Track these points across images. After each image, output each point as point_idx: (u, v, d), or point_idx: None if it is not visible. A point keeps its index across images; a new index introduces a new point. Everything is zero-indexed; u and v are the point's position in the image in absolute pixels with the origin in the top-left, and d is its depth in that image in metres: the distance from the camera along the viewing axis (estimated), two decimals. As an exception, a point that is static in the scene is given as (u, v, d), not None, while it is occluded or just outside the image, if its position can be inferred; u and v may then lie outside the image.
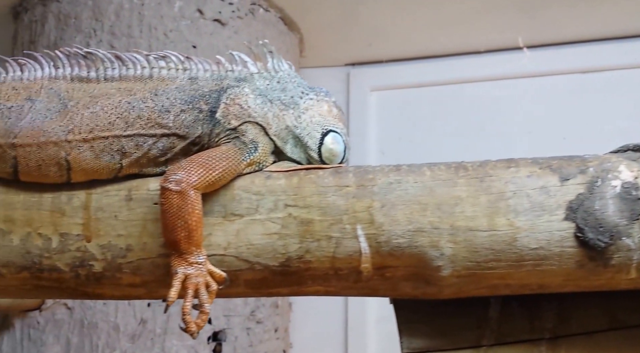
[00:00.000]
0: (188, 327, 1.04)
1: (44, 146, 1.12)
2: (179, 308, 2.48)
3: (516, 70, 3.23)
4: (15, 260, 1.11)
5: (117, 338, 2.41)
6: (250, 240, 1.09)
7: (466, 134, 3.19)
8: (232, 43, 2.79)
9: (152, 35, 2.67)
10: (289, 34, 3.10)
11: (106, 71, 1.21)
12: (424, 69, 3.36)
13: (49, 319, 2.42)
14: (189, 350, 2.49)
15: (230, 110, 1.16)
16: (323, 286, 1.10)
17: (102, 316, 2.42)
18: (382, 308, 3.17)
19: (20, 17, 2.95)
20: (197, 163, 1.06)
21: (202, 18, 2.74)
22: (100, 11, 2.67)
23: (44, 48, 2.73)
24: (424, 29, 3.15)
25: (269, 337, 2.79)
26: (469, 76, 3.30)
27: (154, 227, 1.11)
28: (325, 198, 1.08)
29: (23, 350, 2.42)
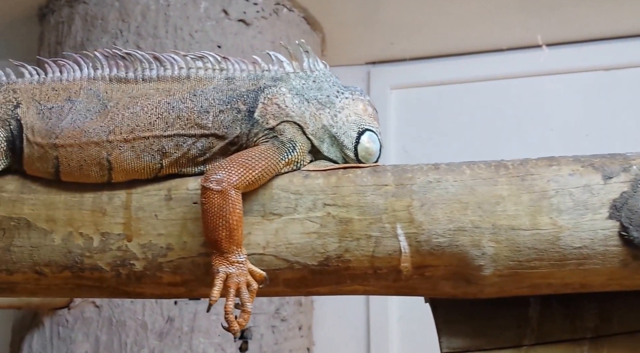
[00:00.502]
0: (231, 326, 1.04)
1: (86, 147, 1.14)
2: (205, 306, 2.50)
3: (538, 68, 3.21)
4: (57, 259, 1.12)
5: (145, 336, 2.43)
6: (289, 239, 1.09)
7: (487, 132, 3.18)
8: (256, 43, 2.80)
9: (178, 36, 2.69)
10: (311, 34, 3.11)
11: (144, 71, 1.22)
12: (444, 67, 3.35)
13: (77, 317, 2.45)
14: (216, 348, 2.51)
15: (268, 110, 1.16)
16: (362, 286, 1.10)
17: (130, 314, 2.44)
18: (404, 307, 3.19)
19: (46, 19, 2.99)
20: (237, 162, 1.07)
21: (227, 18, 2.75)
22: (127, 12, 2.69)
23: (70, 49, 2.77)
24: (444, 27, 3.14)
25: (293, 334, 2.79)
26: (490, 73, 3.29)
27: (193, 226, 1.12)
28: (364, 197, 1.08)
29: (53, 348, 2.45)
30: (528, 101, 3.19)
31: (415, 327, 3.12)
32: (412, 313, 3.15)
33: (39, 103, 1.19)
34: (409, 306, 3.14)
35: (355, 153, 1.20)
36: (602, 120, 3.04)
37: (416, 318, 3.10)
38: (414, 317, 3.13)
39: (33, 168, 1.17)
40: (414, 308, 3.14)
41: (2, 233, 1.12)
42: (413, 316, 3.14)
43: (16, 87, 1.22)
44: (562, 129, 3.09)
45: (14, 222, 1.13)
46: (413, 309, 3.13)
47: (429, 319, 3.21)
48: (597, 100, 3.09)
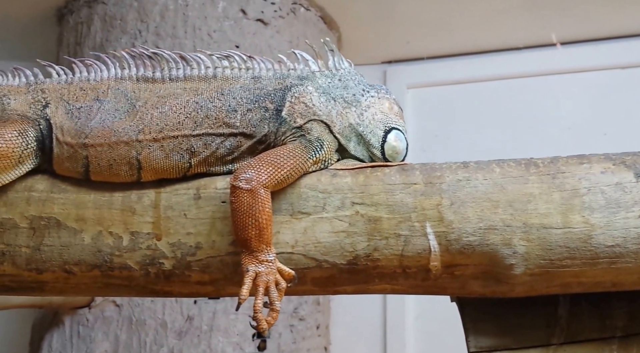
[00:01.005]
0: (259, 324, 1.04)
1: (115, 146, 1.14)
2: (224, 305, 2.50)
3: (555, 66, 3.20)
4: (87, 258, 1.13)
5: (165, 335, 2.44)
6: (317, 238, 1.09)
7: (504, 130, 3.17)
8: (274, 42, 2.81)
9: (197, 36, 2.70)
10: (328, 33, 3.11)
11: (171, 71, 1.23)
12: (460, 66, 3.34)
13: (98, 316, 2.46)
14: (235, 347, 2.51)
15: (295, 108, 1.16)
16: (390, 285, 1.10)
17: (149, 313, 2.45)
18: (420, 306, 3.18)
19: (65, 19, 3.01)
20: (265, 161, 1.07)
21: (245, 18, 2.76)
22: (146, 12, 2.71)
23: (90, 49, 2.79)
24: (460, 26, 3.13)
25: (311, 334, 2.80)
26: (506, 72, 3.27)
27: (222, 225, 1.12)
28: (392, 196, 1.08)
29: (72, 347, 2.46)
30: (545, 99, 3.17)
31: (432, 326, 3.11)
32: (428, 312, 3.14)
33: (68, 103, 1.20)
34: (426, 306, 3.14)
35: (382, 152, 1.20)
36: (619, 119, 3.02)
37: (432, 318, 3.09)
38: (431, 316, 3.12)
39: (63, 168, 1.17)
40: (430, 307, 3.14)
41: (33, 232, 1.13)
42: (429, 315, 3.14)
43: (44, 87, 1.23)
44: (579, 128, 3.07)
45: (44, 221, 1.14)
46: (429, 308, 3.12)
47: (445, 318, 3.20)
48: (614, 98, 3.07)
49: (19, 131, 1.14)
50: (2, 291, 1.17)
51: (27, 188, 1.16)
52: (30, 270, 1.13)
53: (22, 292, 1.17)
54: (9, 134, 1.12)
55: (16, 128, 1.14)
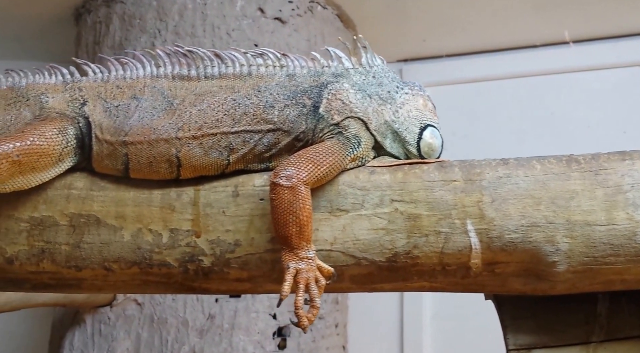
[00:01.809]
0: (300, 321, 1.04)
1: (155, 144, 1.15)
2: (245, 303, 2.49)
3: (573, 64, 3.18)
4: (126, 255, 1.13)
5: (186, 334, 2.45)
6: (356, 235, 1.09)
7: (521, 128, 3.16)
8: (292, 41, 2.81)
9: (215, 35, 2.71)
10: (344, 31, 3.11)
11: (206, 69, 1.23)
12: (477, 64, 3.33)
13: (119, 315, 2.47)
14: (255, 345, 2.52)
15: (332, 105, 1.16)
16: (429, 282, 1.10)
17: (171, 311, 2.46)
18: (437, 305, 3.17)
19: (82, 19, 3.02)
20: (305, 158, 1.07)
21: (263, 17, 2.76)
22: (165, 11, 2.72)
23: (109, 49, 2.80)
24: (477, 24, 3.12)
25: (330, 332, 2.80)
26: (524, 70, 3.26)
27: (260, 223, 1.12)
28: (432, 193, 1.08)
29: (94, 345, 2.47)
30: (564, 97, 3.16)
31: (449, 325, 3.11)
32: (445, 311, 3.14)
33: (105, 101, 1.21)
34: (442, 305, 3.13)
35: (418, 149, 1.20)
36: (639, 117, 3.00)
37: (450, 316, 3.09)
38: (448, 314, 3.12)
39: (102, 165, 1.18)
40: (447, 306, 3.13)
41: (72, 229, 1.14)
42: (446, 314, 3.13)
43: (81, 85, 1.24)
44: (598, 126, 3.06)
45: (83, 219, 1.14)
46: (447, 307, 3.12)
47: (462, 317, 3.20)
48: (634, 96, 3.05)
49: (59, 129, 1.15)
50: (41, 289, 1.18)
51: (66, 185, 1.17)
52: (69, 267, 1.14)
53: (61, 289, 1.18)
54: (49, 132, 1.13)
55: (56, 126, 1.15)
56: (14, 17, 3.12)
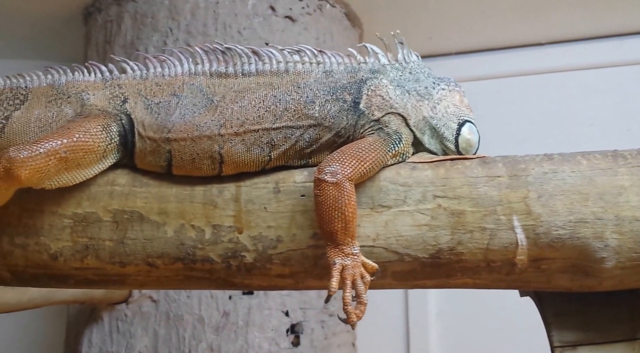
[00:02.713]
0: (349, 317, 1.05)
1: (198, 140, 1.15)
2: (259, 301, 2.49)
3: (578, 62, 3.21)
4: (170, 251, 1.14)
5: (203, 330, 2.45)
6: (399, 232, 1.10)
7: (526, 126, 3.18)
8: (302, 39, 2.81)
9: (227, 33, 2.71)
10: (351, 30, 3.12)
11: (243, 66, 1.24)
12: (483, 61, 3.35)
13: (136, 312, 2.47)
14: (270, 342, 2.53)
15: (372, 101, 1.17)
16: (472, 279, 1.11)
17: (186, 308, 2.46)
18: (443, 302, 3.19)
19: (92, 18, 3.01)
20: (349, 154, 1.08)
21: (274, 15, 2.77)
22: (177, 10, 2.72)
23: (120, 48, 2.79)
24: (483, 22, 3.14)
25: (340, 329, 2.81)
26: (529, 68, 3.28)
27: (302, 219, 1.13)
28: (476, 189, 1.09)
29: (112, 342, 2.47)
30: (568, 95, 3.19)
31: (454, 322, 3.12)
32: (451, 308, 3.16)
33: (146, 98, 1.21)
34: (448, 302, 3.15)
35: (456, 145, 1.21)
36: (644, 115, 3.03)
37: (455, 314, 3.11)
38: (453, 312, 3.14)
39: (145, 162, 1.18)
40: (452, 304, 3.15)
41: (116, 225, 1.14)
42: (452, 311, 3.15)
43: (121, 83, 1.24)
44: (602, 124, 3.08)
45: (127, 215, 1.14)
46: (452, 304, 3.14)
47: (467, 314, 3.21)
48: (639, 94, 3.07)
49: (102, 126, 1.15)
50: (84, 285, 1.18)
51: (109, 182, 1.17)
52: (113, 263, 1.14)
53: (104, 285, 1.18)
54: (94, 128, 1.13)
55: (100, 123, 1.15)
56: (21, 17, 3.10)
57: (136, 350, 2.47)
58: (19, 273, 1.16)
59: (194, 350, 2.46)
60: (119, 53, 2.77)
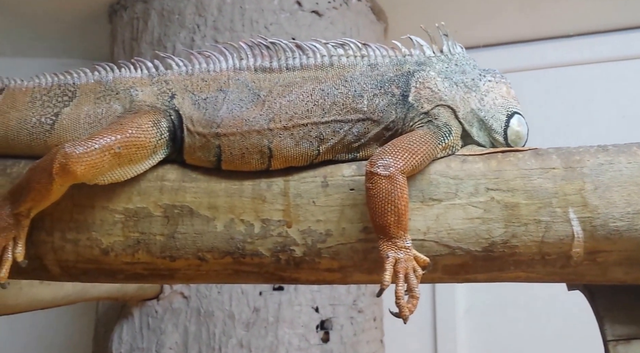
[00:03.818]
0: (402, 311, 1.04)
1: (248, 135, 1.15)
2: (289, 296, 2.48)
3: (608, 53, 3.16)
4: (220, 245, 1.14)
5: (233, 327, 2.46)
6: (450, 225, 1.09)
7: (557, 119, 3.14)
8: (328, 34, 2.80)
9: (254, 29, 2.71)
10: (376, 24, 3.11)
11: (287, 60, 1.23)
12: (510, 54, 3.31)
13: (166, 308, 2.48)
14: (300, 338, 2.53)
15: (421, 94, 1.16)
16: (525, 272, 1.09)
17: (217, 304, 2.47)
18: (471, 299, 3.17)
19: (118, 15, 3.02)
20: (401, 147, 1.07)
21: (300, 10, 2.76)
22: (203, 6, 2.72)
23: (147, 45, 2.80)
24: (510, 14, 3.10)
25: (369, 326, 2.80)
26: (558, 60, 3.24)
27: (351, 213, 1.12)
28: (530, 181, 1.07)
29: (143, 338, 2.49)
30: (599, 87, 3.15)
31: (482, 319, 3.10)
32: (479, 305, 3.14)
33: (193, 94, 1.21)
34: (476, 299, 3.13)
35: (505, 137, 1.20)
36: (676, 106, 2.99)
37: (483, 310, 3.09)
38: (481, 308, 3.12)
39: (194, 157, 1.18)
40: (479, 300, 3.13)
41: (166, 220, 1.14)
42: (480, 308, 3.13)
43: (167, 79, 1.24)
44: (634, 116, 3.04)
45: (177, 210, 1.15)
46: (480, 301, 3.12)
47: (495, 311, 3.17)
48: (671, 86, 3.03)
49: (153, 122, 1.15)
50: (133, 280, 1.18)
51: (159, 177, 1.17)
52: (164, 258, 1.14)
53: (153, 280, 1.19)
54: (145, 124, 1.14)
55: (151, 119, 1.15)
56: (46, 16, 3.12)
57: (166, 347, 2.48)
58: (69, 268, 1.17)
59: (224, 346, 2.47)
60: (146, 50, 2.78)
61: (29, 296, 1.84)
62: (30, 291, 1.83)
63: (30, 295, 1.84)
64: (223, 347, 2.46)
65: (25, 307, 1.87)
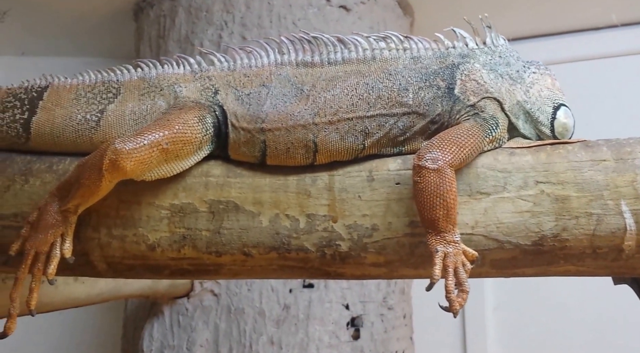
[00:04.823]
0: (452, 305, 1.03)
1: (293, 130, 1.15)
2: (319, 294, 2.48)
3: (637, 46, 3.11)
4: (265, 240, 1.13)
5: (263, 324, 2.46)
6: (499, 219, 1.07)
7: (587, 112, 3.09)
8: (356, 29, 2.78)
9: (282, 25, 2.70)
10: (403, 18, 3.09)
11: (329, 54, 1.22)
12: (537, 48, 3.26)
13: (197, 306, 2.49)
14: (330, 335, 2.52)
15: (467, 86, 1.15)
16: (575, 266, 1.08)
17: (247, 302, 2.47)
18: (500, 297, 3.14)
19: (144, 13, 3.02)
20: (448, 140, 1.06)
21: (328, 5, 2.75)
22: (231, 3, 2.71)
23: (174, 43, 2.81)
24: (539, 8, 3.06)
25: (399, 323, 2.79)
26: (588, 53, 3.20)
27: (398, 207, 1.11)
28: (580, 174, 1.05)
29: (174, 336, 2.50)
30: (628, 80, 3.10)
31: (511, 316, 3.07)
32: (508, 302, 3.11)
33: (236, 89, 1.21)
34: (505, 296, 3.10)
35: (552, 129, 1.18)
36: None
37: (512, 308, 3.06)
38: (510, 306, 3.09)
39: (238, 153, 1.18)
40: (509, 298, 3.10)
41: (212, 216, 1.14)
42: (509, 305, 3.10)
43: (210, 75, 1.24)
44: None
45: (222, 205, 1.14)
46: (509, 298, 3.08)
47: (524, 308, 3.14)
48: None
49: (198, 118, 1.15)
50: (178, 275, 1.18)
51: (203, 173, 1.17)
52: (210, 253, 1.14)
53: (198, 275, 1.19)
54: (191, 120, 1.14)
55: (196, 114, 1.15)
56: (69, 14, 3.14)
57: (197, 344, 2.49)
58: (115, 264, 1.17)
59: (254, 343, 2.47)
60: (174, 48, 2.79)
61: (64, 295, 1.85)
62: (65, 290, 1.85)
63: (65, 293, 1.85)
64: (254, 344, 2.46)
65: (60, 305, 1.89)
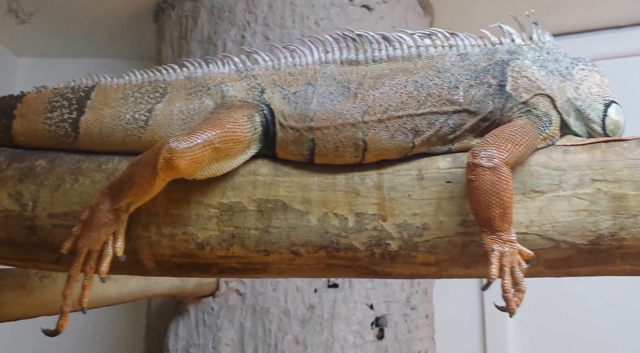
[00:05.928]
0: (509, 305, 1.02)
1: (342, 128, 1.14)
2: (344, 294, 2.46)
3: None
4: (314, 239, 1.12)
5: (288, 323, 2.45)
6: (555, 218, 1.06)
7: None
8: (378, 28, 2.78)
9: (305, 25, 2.69)
10: (424, 17, 3.08)
11: (374, 52, 1.21)
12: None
13: (222, 305, 2.49)
14: (355, 335, 2.51)
15: (519, 83, 1.14)
16: (631, 265, 1.06)
17: (273, 301, 2.46)
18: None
19: (166, 14, 3.02)
20: (503, 138, 1.04)
21: (351, 5, 2.74)
22: (254, 3, 2.71)
23: (197, 43, 2.80)
24: (559, 7, 3.04)
25: (422, 323, 2.77)
26: (606, 52, 3.17)
27: (449, 206, 1.10)
28: (638, 171, 1.04)
29: (199, 335, 2.49)
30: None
31: (532, 316, 3.05)
32: (528, 301, 3.07)
33: (282, 88, 1.20)
34: (526, 296, 3.07)
35: (603, 127, 1.16)
36: None
37: (533, 307, 3.03)
38: (531, 305, 3.05)
39: (286, 151, 1.17)
40: (530, 296, 3.07)
41: (260, 214, 1.13)
42: (529, 304, 3.06)
43: (255, 74, 1.24)
44: None
45: (270, 204, 1.14)
46: (529, 297, 3.05)
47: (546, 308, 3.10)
48: None
49: (247, 116, 1.15)
50: (226, 274, 1.18)
51: (251, 172, 1.16)
52: (258, 252, 1.13)
53: (245, 274, 1.18)
54: (240, 119, 1.13)
55: (245, 113, 1.15)
56: (90, 16, 3.14)
57: (222, 343, 2.49)
58: (163, 263, 1.17)
59: (279, 342, 2.46)
60: (196, 49, 2.78)
61: (97, 293, 1.85)
62: (98, 288, 1.83)
63: (98, 291, 1.84)
64: (279, 343, 2.46)
65: (93, 304, 1.88)
